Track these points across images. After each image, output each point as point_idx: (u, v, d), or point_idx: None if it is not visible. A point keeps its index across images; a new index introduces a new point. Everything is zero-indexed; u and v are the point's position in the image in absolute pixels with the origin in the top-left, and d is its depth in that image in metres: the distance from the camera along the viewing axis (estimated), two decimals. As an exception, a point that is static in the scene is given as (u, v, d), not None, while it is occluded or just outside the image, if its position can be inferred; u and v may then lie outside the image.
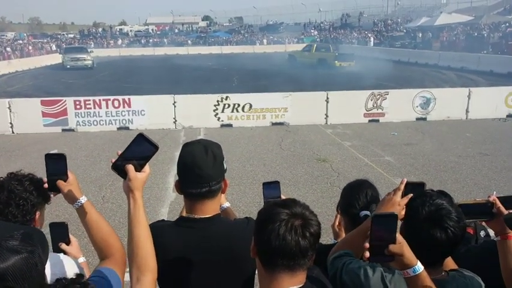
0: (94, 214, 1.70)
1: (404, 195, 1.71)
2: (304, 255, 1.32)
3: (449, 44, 37.07)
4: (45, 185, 1.69)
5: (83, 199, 1.69)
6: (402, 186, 1.69)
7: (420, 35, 42.74)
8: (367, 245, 1.39)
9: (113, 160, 1.53)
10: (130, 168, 1.50)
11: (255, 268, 1.79)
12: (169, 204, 6.53)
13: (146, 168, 1.54)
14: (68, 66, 31.45)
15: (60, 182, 1.67)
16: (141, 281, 1.42)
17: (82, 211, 1.69)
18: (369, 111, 12.56)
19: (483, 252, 1.99)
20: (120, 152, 1.53)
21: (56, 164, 1.68)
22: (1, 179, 1.85)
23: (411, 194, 1.66)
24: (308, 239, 1.31)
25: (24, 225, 1.67)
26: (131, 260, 1.47)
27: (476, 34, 36.75)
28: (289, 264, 1.32)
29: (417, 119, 12.65)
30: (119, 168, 1.51)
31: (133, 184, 1.49)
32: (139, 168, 1.51)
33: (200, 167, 1.70)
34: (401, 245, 1.39)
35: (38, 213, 1.87)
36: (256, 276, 1.84)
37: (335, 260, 1.71)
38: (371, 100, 12.51)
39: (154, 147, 1.53)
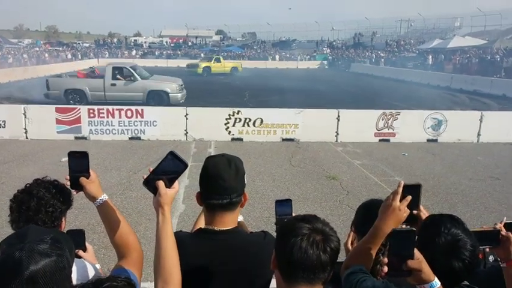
0: (113, 212, 1.76)
1: (402, 197, 1.72)
2: (324, 269, 1.36)
3: (462, 67, 37.03)
4: (68, 182, 1.74)
5: (104, 197, 1.75)
6: (400, 190, 1.69)
7: (430, 57, 42.74)
8: (385, 260, 1.42)
9: (145, 176, 1.59)
10: (161, 184, 1.56)
11: (270, 279, 1.83)
12: (179, 216, 6.56)
13: (176, 184, 1.60)
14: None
15: (83, 179, 1.72)
16: None
17: (102, 209, 1.75)
18: (380, 131, 12.56)
19: (490, 276, 2.00)
20: (151, 169, 1.59)
21: (79, 161, 1.73)
22: (27, 185, 1.90)
23: (410, 197, 1.67)
24: (329, 254, 1.36)
25: (53, 230, 1.71)
26: (157, 272, 1.51)
27: (489, 58, 36.70)
28: (309, 277, 1.36)
29: (428, 140, 12.62)
30: (150, 184, 1.58)
31: (163, 199, 1.55)
32: (168, 185, 1.58)
33: (223, 178, 1.76)
34: (420, 261, 1.41)
35: (63, 219, 1.93)
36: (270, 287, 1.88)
37: (349, 276, 1.72)
38: (382, 120, 12.53)
39: (184, 165, 1.60)
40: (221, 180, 1.76)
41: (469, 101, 22.95)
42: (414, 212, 1.79)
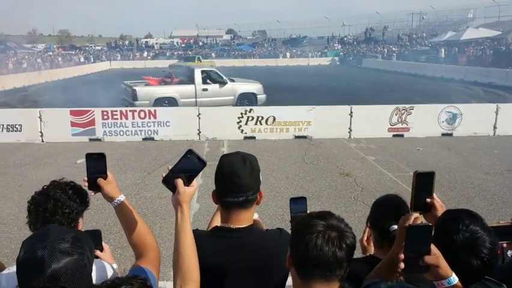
0: (130, 212, 1.78)
1: (415, 186, 1.72)
2: (340, 265, 1.35)
3: (476, 59, 36.50)
4: (86, 184, 1.76)
5: (121, 197, 1.77)
6: (413, 217, 1.64)
7: (442, 50, 42.16)
8: (402, 256, 1.40)
9: (164, 175, 1.60)
10: (180, 182, 1.57)
11: (286, 277, 1.83)
12: (193, 215, 6.59)
13: (194, 182, 1.61)
14: None
15: (100, 180, 1.74)
16: None
17: (120, 209, 1.77)
18: (394, 126, 12.45)
19: (509, 271, 1.97)
20: (170, 167, 1.60)
21: (97, 163, 1.76)
22: (44, 187, 1.93)
23: (420, 219, 1.64)
24: (344, 250, 1.34)
25: (73, 229, 1.74)
26: (176, 270, 1.52)
27: (504, 49, 36.09)
28: (326, 275, 1.35)
29: (443, 134, 12.46)
30: (169, 182, 1.59)
31: (182, 198, 1.56)
32: (187, 183, 1.58)
33: (239, 176, 1.76)
34: (437, 257, 1.39)
35: (81, 220, 1.95)
36: (287, 285, 1.87)
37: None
38: (396, 115, 12.41)
39: (202, 163, 1.61)
40: (236, 178, 1.76)
41: (483, 93, 22.61)
42: (428, 200, 1.78)
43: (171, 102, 15.68)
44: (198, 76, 16.49)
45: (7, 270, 1.83)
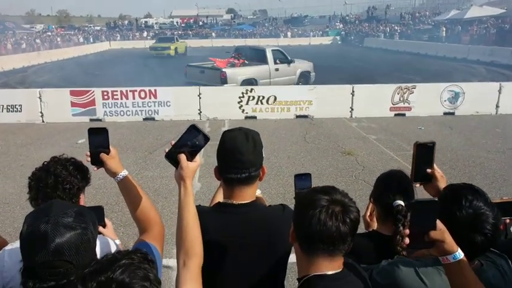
0: (134, 187, 1.76)
1: (415, 157, 1.75)
2: (344, 240, 1.34)
3: (479, 38, 36.05)
4: (88, 158, 1.74)
5: (124, 172, 1.76)
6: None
7: (444, 29, 41.59)
8: (407, 231, 1.38)
9: (167, 150, 1.57)
10: (182, 157, 1.54)
11: (289, 252, 1.82)
12: (195, 194, 6.58)
13: (197, 158, 1.58)
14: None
15: (103, 155, 1.73)
16: (187, 265, 1.45)
17: (123, 184, 1.75)
18: (396, 105, 12.37)
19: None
20: (173, 142, 1.58)
21: (99, 137, 1.73)
22: (45, 163, 1.91)
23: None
24: (348, 225, 1.33)
25: (76, 204, 1.73)
26: (179, 244, 1.51)
27: (507, 27, 35.62)
28: (329, 249, 1.34)
29: (445, 113, 12.39)
30: (171, 157, 1.56)
31: (185, 173, 1.53)
32: (190, 158, 1.56)
33: (241, 152, 1.73)
34: (442, 232, 1.37)
35: (82, 196, 1.94)
36: (289, 261, 1.87)
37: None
38: (398, 94, 12.32)
39: (206, 138, 1.58)
40: (239, 154, 1.74)
41: (486, 72, 22.41)
42: (429, 170, 1.77)
43: (251, 83, 14.75)
44: (270, 56, 16.09)
45: (10, 245, 1.83)
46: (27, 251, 1.25)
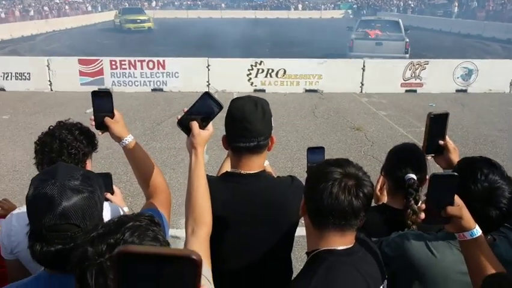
0: (140, 152, 1.74)
1: (428, 128, 1.71)
2: (356, 215, 1.30)
3: (495, 14, 35.11)
4: (92, 123, 1.71)
5: (129, 137, 1.73)
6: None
7: (456, 4, 40.39)
8: (423, 206, 1.33)
9: (179, 117, 1.54)
10: (194, 124, 1.51)
11: (296, 224, 1.80)
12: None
13: (210, 126, 1.55)
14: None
15: (107, 119, 1.70)
16: (196, 233, 1.43)
17: (128, 149, 1.73)
18: (407, 81, 12.16)
19: None
20: (186, 109, 1.54)
21: (103, 101, 1.70)
22: (51, 127, 1.89)
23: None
24: (361, 200, 1.29)
25: (82, 168, 1.71)
26: (188, 211, 1.48)
27: (525, 3, 34.64)
28: (340, 224, 1.30)
29: (457, 90, 12.17)
30: (184, 124, 1.53)
31: (196, 140, 1.50)
32: (202, 126, 1.53)
33: (250, 121, 1.69)
34: (460, 208, 1.32)
35: (88, 162, 1.92)
36: (296, 235, 1.85)
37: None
38: (410, 70, 12.09)
39: (219, 106, 1.54)
40: (247, 122, 1.69)
41: (501, 49, 21.92)
42: (441, 142, 1.74)
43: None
44: (402, 28, 16.29)
45: (17, 209, 1.82)
46: (33, 214, 1.23)
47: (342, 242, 1.33)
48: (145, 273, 0.46)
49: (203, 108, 1.54)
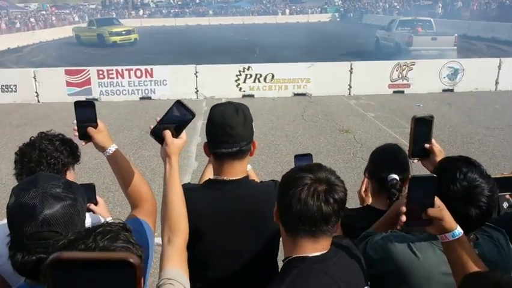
0: (124, 162, 1.73)
1: (413, 131, 1.70)
2: (326, 221, 1.28)
3: (480, 13, 35.56)
4: (76, 133, 1.70)
5: (113, 147, 1.72)
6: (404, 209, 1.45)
7: (440, 5, 40.88)
8: (404, 208, 1.32)
9: (152, 127, 1.54)
10: (167, 133, 1.51)
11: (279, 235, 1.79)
12: (192, 173, 6.58)
13: (183, 135, 1.55)
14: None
15: (90, 129, 1.68)
16: (172, 242, 1.42)
17: (112, 159, 1.72)
18: (394, 82, 12.25)
19: (505, 223, 1.93)
20: (158, 119, 1.54)
21: (86, 111, 1.69)
22: (32, 138, 1.87)
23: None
24: (331, 205, 1.26)
25: (63, 177, 1.69)
26: (164, 220, 1.48)
27: (508, 2, 35.12)
28: (311, 230, 1.28)
29: (444, 90, 12.29)
30: (157, 133, 1.53)
31: (170, 149, 1.50)
32: (175, 134, 1.53)
33: (232, 126, 1.69)
34: (441, 209, 1.31)
35: (68, 173, 1.89)
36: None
37: (358, 243, 1.67)
38: (397, 71, 12.19)
39: (191, 114, 1.54)
40: (228, 128, 1.69)
41: (486, 48, 22.21)
42: (427, 145, 1.72)
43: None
44: (434, 26, 18.91)
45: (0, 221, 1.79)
46: (14, 223, 1.22)
47: (314, 248, 1.31)
48: (82, 280, 0.45)
49: (176, 116, 1.54)
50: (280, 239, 1.80)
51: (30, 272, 1.22)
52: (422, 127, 1.73)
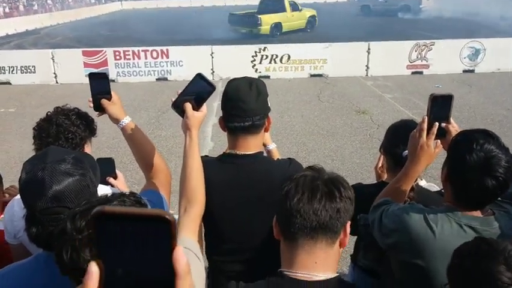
0: (138, 133, 1.76)
1: (431, 109, 1.63)
2: (330, 228, 1.17)
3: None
4: (91, 105, 1.73)
5: (127, 119, 1.74)
6: (425, 125, 1.61)
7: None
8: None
9: (173, 99, 1.56)
10: (188, 106, 1.53)
11: None
12: (207, 153, 6.56)
13: (204, 108, 1.56)
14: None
15: (104, 101, 1.71)
16: (188, 212, 1.45)
17: (126, 130, 1.74)
18: (413, 63, 12.03)
19: None
20: (180, 91, 1.56)
21: (100, 83, 1.72)
22: (48, 113, 1.90)
23: (436, 128, 1.61)
24: (332, 210, 1.16)
25: (74, 151, 1.72)
26: (182, 190, 1.51)
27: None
28: (309, 242, 1.18)
29: (464, 71, 12.02)
30: (178, 106, 1.55)
31: (190, 122, 1.52)
32: (196, 107, 1.54)
33: (244, 100, 1.69)
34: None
35: (86, 146, 1.93)
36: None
37: (373, 209, 1.67)
38: (415, 51, 11.95)
39: (212, 87, 1.55)
40: (241, 102, 1.69)
41: (509, 27, 21.52)
42: (443, 124, 1.66)
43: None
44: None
45: (19, 195, 1.85)
46: (26, 198, 1.25)
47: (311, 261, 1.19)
48: (122, 233, 0.48)
49: (196, 89, 1.55)
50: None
51: (45, 244, 1.26)
52: (439, 105, 1.68)
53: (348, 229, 1.22)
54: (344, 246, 1.23)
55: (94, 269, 0.48)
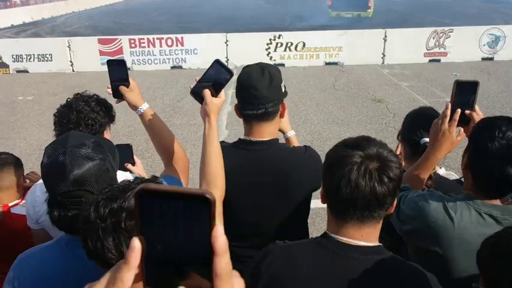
0: (156, 120, 1.77)
1: (455, 95, 1.60)
2: (381, 204, 1.15)
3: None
4: (109, 91, 1.75)
5: (145, 105, 1.76)
6: (448, 112, 1.60)
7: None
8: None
9: (191, 86, 1.57)
10: (207, 93, 1.53)
11: (309, 196, 1.78)
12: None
13: (222, 94, 1.57)
14: None
15: (122, 88, 1.73)
16: None
17: (144, 117, 1.76)
18: (430, 50, 11.82)
19: None
20: (198, 78, 1.56)
21: (118, 70, 1.74)
22: (68, 99, 1.93)
23: (458, 115, 1.61)
24: (386, 185, 1.13)
25: (94, 135, 1.74)
26: (202, 176, 1.52)
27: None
28: (362, 215, 1.16)
29: (483, 59, 11.78)
30: (196, 93, 1.56)
31: (209, 108, 1.52)
32: (215, 94, 1.55)
33: (255, 87, 1.68)
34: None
35: (105, 133, 1.95)
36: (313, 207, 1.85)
37: None
38: (433, 38, 11.73)
39: (229, 74, 1.55)
40: (253, 89, 1.69)
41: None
42: (467, 111, 1.63)
43: None
44: None
45: (41, 180, 1.88)
46: (48, 182, 1.28)
47: (359, 235, 1.20)
48: (163, 210, 0.50)
49: (214, 76, 1.55)
50: (317, 205, 1.81)
51: (66, 226, 1.28)
52: (464, 92, 1.64)
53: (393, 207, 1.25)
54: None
55: (136, 244, 0.49)
